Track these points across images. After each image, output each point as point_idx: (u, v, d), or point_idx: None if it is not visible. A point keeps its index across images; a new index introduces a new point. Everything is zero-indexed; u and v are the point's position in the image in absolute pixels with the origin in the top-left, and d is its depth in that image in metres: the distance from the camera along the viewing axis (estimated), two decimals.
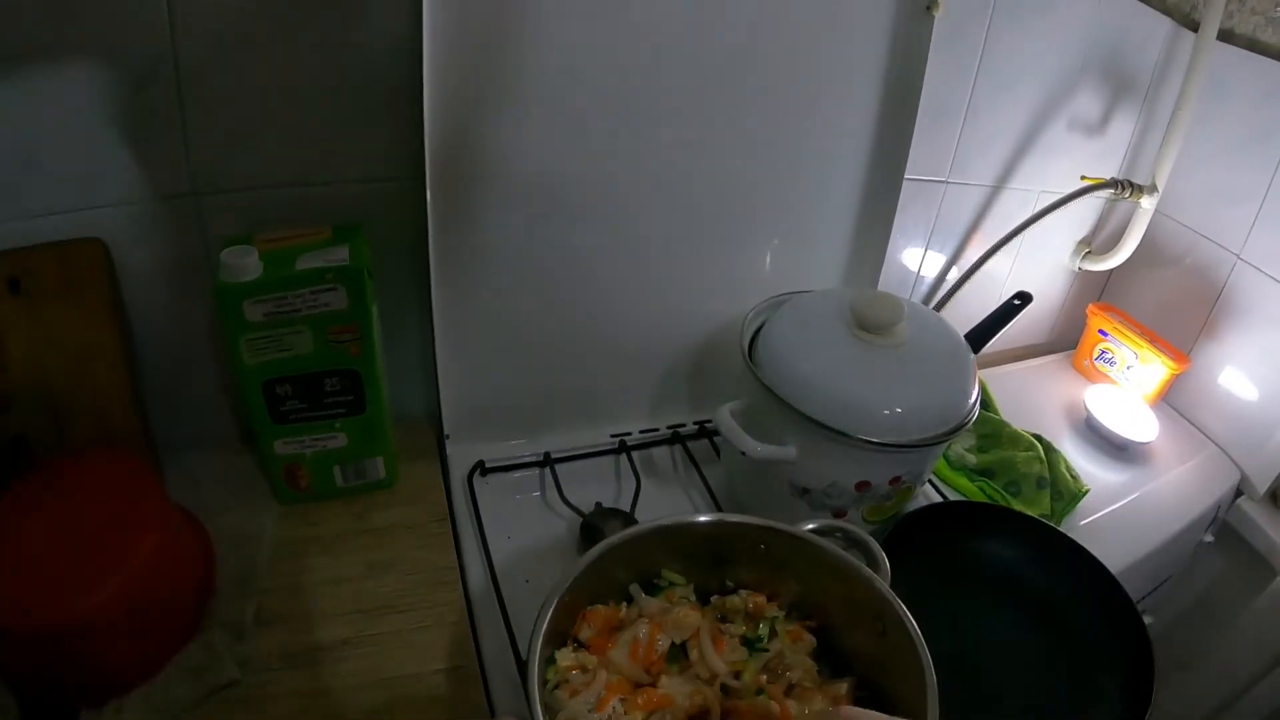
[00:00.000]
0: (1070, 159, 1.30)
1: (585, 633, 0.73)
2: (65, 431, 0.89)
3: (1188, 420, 1.42)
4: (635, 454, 1.11)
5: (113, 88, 0.81)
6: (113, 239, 0.88)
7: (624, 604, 0.78)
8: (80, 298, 0.87)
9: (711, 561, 0.80)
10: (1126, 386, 1.41)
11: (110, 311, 0.89)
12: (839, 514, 0.94)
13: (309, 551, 0.92)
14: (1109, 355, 1.43)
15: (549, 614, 0.68)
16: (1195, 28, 1.19)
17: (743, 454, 0.90)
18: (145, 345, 0.95)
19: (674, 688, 0.70)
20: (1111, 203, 1.39)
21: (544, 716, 0.61)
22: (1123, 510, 1.20)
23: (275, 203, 0.92)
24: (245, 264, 0.80)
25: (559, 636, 0.73)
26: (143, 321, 0.94)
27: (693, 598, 0.80)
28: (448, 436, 1.07)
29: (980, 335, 1.05)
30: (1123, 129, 1.33)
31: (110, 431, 0.91)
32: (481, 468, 1.06)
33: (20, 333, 0.85)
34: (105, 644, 0.72)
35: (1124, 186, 1.27)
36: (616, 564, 0.76)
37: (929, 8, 0.99)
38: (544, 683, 0.67)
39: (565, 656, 0.70)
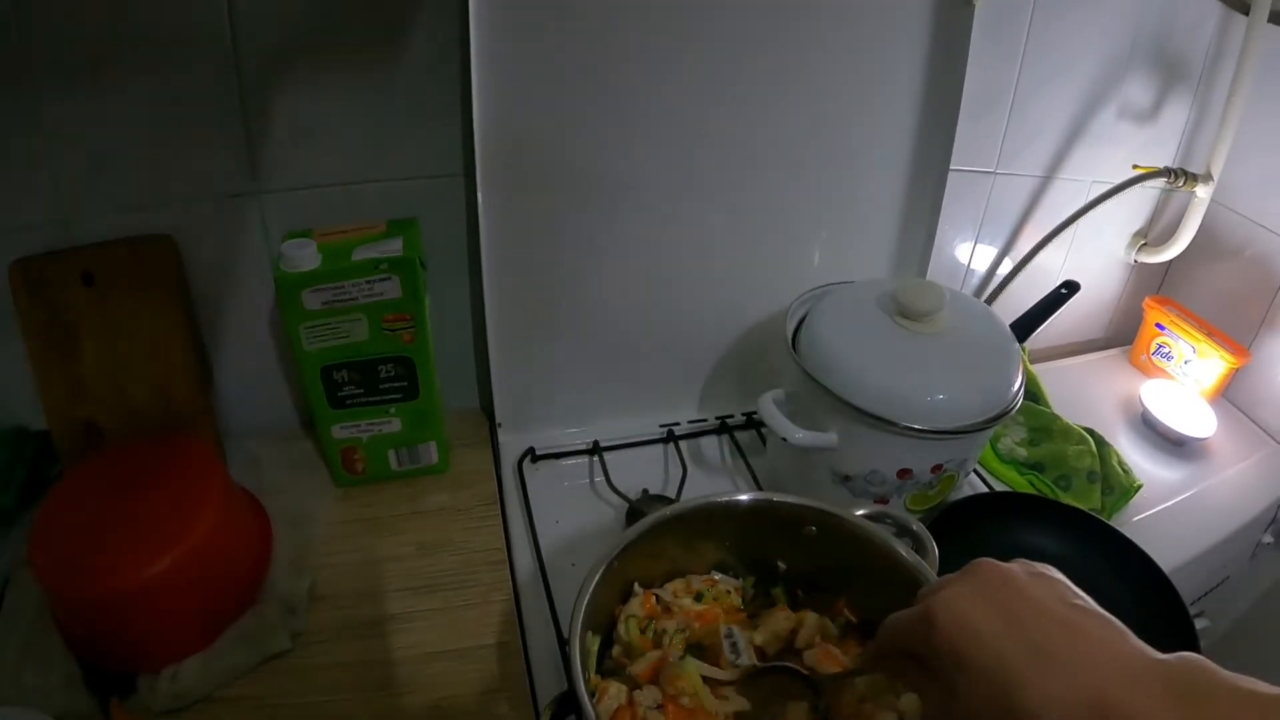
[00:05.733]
0: (1123, 148, 1.28)
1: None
2: (135, 417, 0.93)
3: (1247, 416, 1.38)
4: (683, 443, 1.12)
5: (180, 95, 0.86)
6: (181, 235, 0.93)
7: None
8: (149, 290, 0.92)
9: (760, 543, 0.81)
10: (1184, 381, 1.38)
11: (178, 303, 0.93)
12: (881, 501, 0.94)
13: (363, 532, 0.96)
14: (1166, 349, 1.40)
15: (595, 579, 0.69)
16: (1246, 10, 1.15)
17: (784, 441, 0.91)
18: (212, 335, 1.00)
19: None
20: (1166, 193, 1.37)
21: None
22: (1177, 507, 1.17)
23: (333, 199, 0.96)
24: (304, 255, 0.84)
25: (605, 622, 0.75)
26: (210, 313, 0.98)
27: (734, 590, 0.81)
28: (499, 424, 1.09)
29: (1027, 324, 1.05)
30: (1176, 117, 1.30)
31: (178, 417, 0.95)
32: (532, 454, 1.08)
33: (93, 323, 0.90)
34: (163, 612, 0.76)
35: (1177, 175, 1.24)
36: (666, 542, 0.77)
37: (968, 0, 1.00)
38: (586, 651, 0.68)
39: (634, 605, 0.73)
